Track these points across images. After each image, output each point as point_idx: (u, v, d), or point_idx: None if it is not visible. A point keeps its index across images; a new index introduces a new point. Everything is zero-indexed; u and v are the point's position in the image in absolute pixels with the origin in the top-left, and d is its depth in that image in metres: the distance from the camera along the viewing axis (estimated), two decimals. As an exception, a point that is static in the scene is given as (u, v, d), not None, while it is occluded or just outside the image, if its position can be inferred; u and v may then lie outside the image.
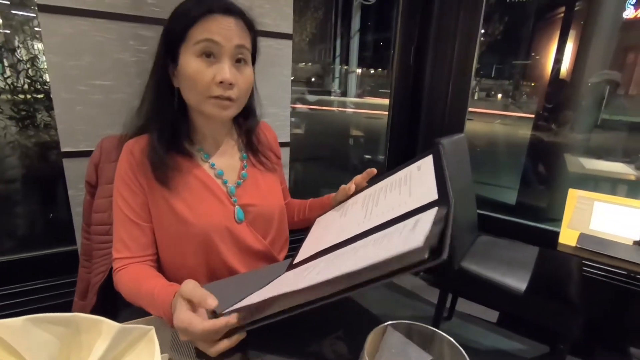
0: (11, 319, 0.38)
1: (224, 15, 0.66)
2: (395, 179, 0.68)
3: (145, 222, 0.72)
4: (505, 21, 2.86)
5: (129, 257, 0.70)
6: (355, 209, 0.69)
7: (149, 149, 0.70)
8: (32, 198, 1.93)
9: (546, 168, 2.56)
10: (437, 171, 0.57)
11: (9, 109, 1.73)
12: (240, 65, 0.69)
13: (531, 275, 1.29)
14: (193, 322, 0.48)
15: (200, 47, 0.65)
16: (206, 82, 0.66)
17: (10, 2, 1.97)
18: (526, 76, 3.41)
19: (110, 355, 0.42)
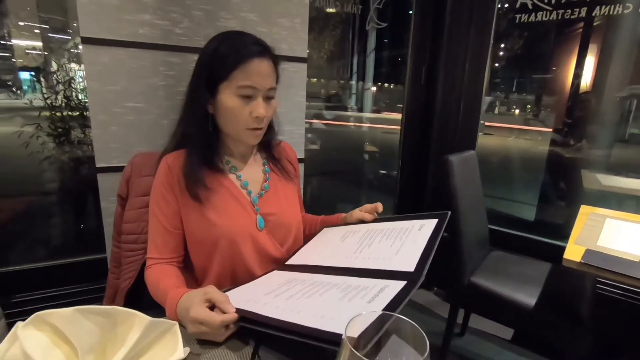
0: (63, 309, 0.46)
1: (260, 58, 0.76)
2: (397, 227, 0.77)
3: (175, 228, 0.81)
4: (525, 36, 2.88)
5: (158, 257, 0.80)
6: (353, 240, 0.79)
7: (186, 164, 0.80)
8: (66, 209, 2.07)
9: (566, 184, 2.53)
10: (430, 242, 0.66)
11: (47, 127, 1.89)
12: (269, 100, 0.80)
13: (541, 291, 1.29)
14: (212, 316, 0.56)
15: (242, 91, 0.76)
16: (244, 117, 0.77)
17: (50, 27, 2.17)
18: (546, 90, 3.40)
19: (141, 345, 0.49)
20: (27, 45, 2.22)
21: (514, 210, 3.08)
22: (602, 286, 1.48)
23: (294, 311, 0.54)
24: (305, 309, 0.55)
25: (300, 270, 0.74)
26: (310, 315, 0.52)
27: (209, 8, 1.20)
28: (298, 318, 0.52)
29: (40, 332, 0.46)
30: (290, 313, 0.54)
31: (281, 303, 0.59)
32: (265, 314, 0.55)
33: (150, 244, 0.82)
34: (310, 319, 0.51)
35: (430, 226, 0.71)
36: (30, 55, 2.25)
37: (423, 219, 0.76)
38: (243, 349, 0.56)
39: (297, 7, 1.34)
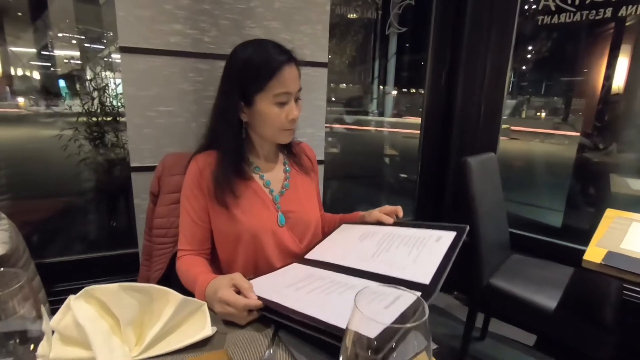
0: (108, 284, 0.52)
1: (289, 65, 0.82)
2: (415, 235, 0.79)
3: (203, 222, 0.87)
4: (553, 37, 2.82)
5: (188, 249, 0.87)
6: (372, 241, 0.82)
7: (217, 172, 0.85)
8: (101, 207, 2.20)
9: (594, 189, 2.45)
10: (447, 255, 0.68)
11: (84, 131, 2.02)
12: (298, 101, 0.86)
13: (563, 294, 1.27)
14: (238, 298, 0.61)
15: (279, 99, 0.82)
16: (282, 121, 0.83)
17: (86, 37, 2.32)
18: (576, 93, 3.30)
19: (173, 321, 0.55)
20: (66, 55, 2.38)
21: (540, 216, 3.01)
22: (629, 292, 1.44)
23: (314, 305, 0.58)
24: (325, 305, 0.58)
25: (319, 267, 0.78)
26: (329, 312, 0.55)
27: (235, 17, 1.27)
28: (317, 312, 0.55)
29: (89, 304, 0.52)
30: (309, 307, 0.58)
31: (302, 296, 0.63)
32: (287, 305, 0.59)
33: (181, 237, 0.88)
34: (329, 315, 0.54)
35: (448, 239, 0.73)
36: (69, 64, 2.42)
37: (441, 230, 0.78)
38: (264, 330, 0.61)
39: (319, 14, 1.39)
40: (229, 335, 0.59)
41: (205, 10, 1.23)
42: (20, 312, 0.34)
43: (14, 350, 0.36)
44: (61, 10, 2.24)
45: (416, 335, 0.34)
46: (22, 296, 0.35)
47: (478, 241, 1.37)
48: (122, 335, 0.52)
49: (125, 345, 0.51)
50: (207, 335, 0.55)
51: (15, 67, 2.29)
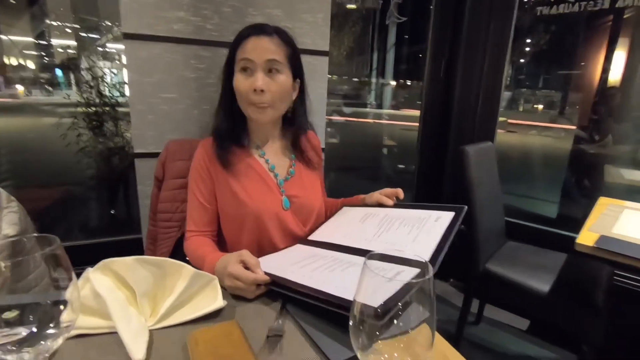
0: (125, 257, 0.54)
1: (258, 36, 0.83)
2: (414, 216, 0.82)
3: (210, 204, 0.90)
4: (551, 30, 2.82)
5: (195, 230, 0.89)
6: (373, 222, 0.85)
7: (215, 136, 0.89)
8: (101, 195, 2.22)
9: (589, 180, 2.49)
10: (444, 235, 0.70)
11: (82, 120, 2.02)
12: (272, 74, 0.84)
13: (556, 279, 1.31)
14: (246, 272, 0.64)
15: (241, 65, 0.83)
16: (245, 90, 0.83)
17: (81, 26, 2.30)
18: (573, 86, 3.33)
19: (186, 294, 0.58)
20: (62, 44, 2.37)
21: (536, 207, 3.05)
22: (620, 278, 1.48)
23: (319, 281, 0.61)
24: (329, 280, 0.61)
25: (322, 247, 0.81)
26: (333, 285, 0.59)
27: (237, 5, 1.28)
28: (323, 286, 0.59)
29: (106, 276, 0.55)
30: (315, 282, 0.61)
31: (307, 272, 0.66)
32: (293, 279, 0.63)
33: (189, 219, 0.91)
34: (334, 289, 0.57)
35: (447, 219, 0.75)
36: (65, 53, 2.40)
37: (440, 210, 0.80)
38: (272, 304, 0.64)
39: (320, 3, 1.40)
40: (238, 308, 0.62)
41: (208, -2, 1.23)
42: (53, 275, 0.37)
43: (44, 313, 0.38)
44: (56, -1, 2.22)
45: (419, 306, 0.36)
46: (55, 260, 0.37)
47: (475, 228, 1.40)
48: (138, 306, 0.55)
49: (141, 315, 0.54)
50: (219, 307, 0.58)
51: (9, 56, 2.27)
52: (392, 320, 0.37)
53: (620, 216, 1.24)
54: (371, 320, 0.37)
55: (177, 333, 0.55)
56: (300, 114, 0.97)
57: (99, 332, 0.52)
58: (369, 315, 0.37)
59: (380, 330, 0.36)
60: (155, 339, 0.53)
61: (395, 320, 0.37)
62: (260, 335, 0.55)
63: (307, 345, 0.54)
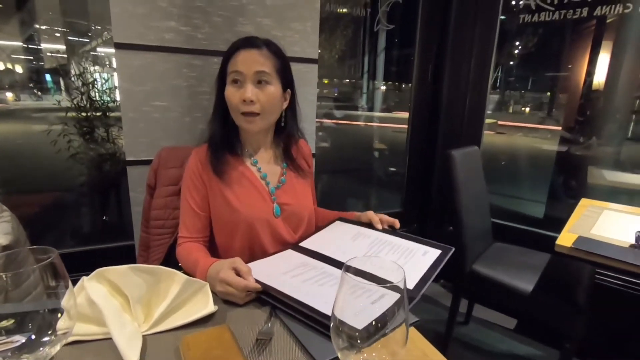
0: (119, 266, 0.56)
1: (247, 49, 0.86)
2: (404, 245, 0.85)
3: (203, 211, 0.92)
4: (539, 34, 2.89)
5: (188, 236, 0.91)
6: (364, 242, 0.88)
7: (209, 144, 0.92)
8: (92, 201, 2.21)
9: (575, 181, 2.55)
10: (430, 269, 0.74)
11: (73, 126, 2.02)
12: (261, 85, 0.87)
13: (539, 278, 1.35)
14: (237, 279, 0.66)
15: (231, 77, 0.87)
16: (235, 101, 0.86)
17: (72, 30, 2.29)
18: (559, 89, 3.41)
19: (179, 300, 0.60)
20: (51, 48, 2.36)
21: (524, 208, 3.11)
22: (601, 277, 1.53)
23: (309, 294, 0.64)
24: (319, 294, 0.64)
25: (313, 256, 0.84)
26: (322, 301, 0.62)
27: (227, 14, 1.31)
28: (312, 301, 0.62)
29: (100, 284, 0.56)
30: (304, 295, 0.64)
31: (297, 284, 0.69)
32: (285, 291, 0.65)
33: (181, 225, 0.93)
34: (322, 305, 0.61)
35: (434, 255, 0.79)
36: (54, 57, 2.39)
37: (428, 246, 0.84)
38: (262, 308, 0.66)
39: (309, 11, 1.44)
40: (228, 312, 0.64)
41: (198, 8, 1.26)
42: (51, 283, 0.39)
43: (42, 320, 0.40)
44: (45, 2, 2.21)
45: (396, 314, 0.39)
46: (52, 270, 0.39)
47: (462, 230, 1.44)
48: (132, 313, 0.57)
49: (135, 321, 0.56)
50: (210, 312, 0.60)
51: (-5, 60, 2.26)
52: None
53: (600, 217, 1.29)
54: (350, 332, 0.39)
55: (169, 338, 0.57)
56: (291, 123, 1.00)
57: (95, 338, 0.54)
58: (349, 330, 0.39)
59: (359, 338, 0.39)
60: (148, 344, 0.55)
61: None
62: (250, 338, 0.57)
63: (294, 346, 0.57)
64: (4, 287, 0.39)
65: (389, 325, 0.39)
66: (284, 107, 0.96)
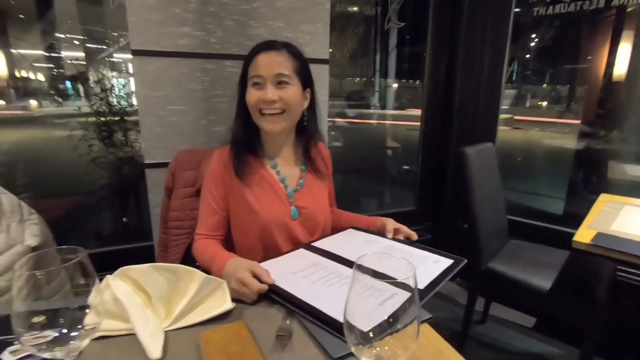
0: (141, 265, 0.59)
1: (266, 52, 0.89)
2: (416, 253, 0.86)
3: (222, 210, 0.95)
4: (556, 25, 2.81)
5: (204, 233, 0.94)
6: (376, 248, 0.89)
7: (232, 146, 0.95)
8: (113, 204, 2.28)
9: (596, 176, 2.49)
10: (441, 275, 0.74)
11: (92, 131, 2.08)
12: (281, 86, 0.89)
13: (557, 276, 1.33)
14: (253, 281, 0.69)
15: (253, 81, 0.89)
16: (255, 102, 0.88)
17: (90, 38, 2.37)
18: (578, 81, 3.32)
19: (198, 297, 0.62)
20: (71, 55, 2.44)
21: (542, 204, 3.05)
22: (623, 273, 1.49)
23: (316, 296, 0.66)
24: (326, 296, 0.66)
25: (325, 256, 0.85)
26: (329, 304, 0.63)
27: (239, 18, 1.33)
28: (318, 303, 0.63)
29: (124, 282, 0.59)
30: (313, 297, 0.66)
31: (306, 286, 0.70)
32: (293, 292, 0.67)
33: (200, 222, 0.95)
34: (330, 307, 0.62)
35: (445, 264, 0.79)
36: (73, 65, 2.47)
37: (440, 256, 0.83)
38: (276, 305, 0.68)
39: (319, 13, 1.45)
40: (245, 309, 0.67)
41: (211, 13, 1.29)
42: (80, 281, 0.42)
43: (72, 316, 0.43)
44: (65, 11, 2.28)
45: (407, 311, 0.40)
46: (81, 269, 0.42)
47: (476, 227, 1.43)
48: (154, 309, 0.59)
49: (156, 317, 0.59)
50: (228, 309, 0.62)
51: (19, 68, 2.35)
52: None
53: (620, 213, 1.26)
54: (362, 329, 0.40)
55: (189, 333, 0.59)
56: (312, 123, 1.02)
57: (119, 333, 0.57)
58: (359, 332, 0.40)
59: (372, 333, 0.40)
60: (170, 340, 0.58)
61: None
62: (267, 334, 0.59)
63: (310, 343, 0.58)
64: (37, 285, 0.42)
65: (401, 321, 0.40)
66: (305, 106, 0.97)
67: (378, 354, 0.40)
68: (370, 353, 0.40)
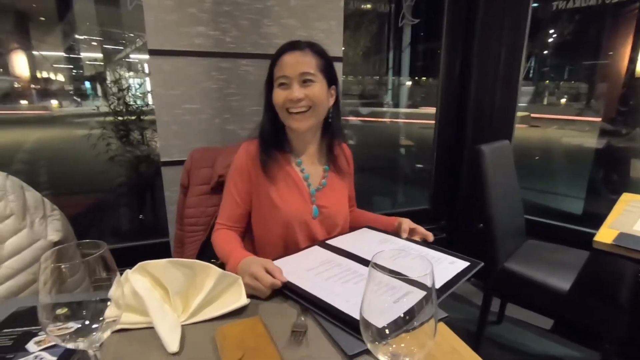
0: (159, 260, 0.60)
1: (291, 52, 0.90)
2: (432, 254, 0.85)
3: (243, 203, 0.97)
4: (576, 20, 2.73)
5: (225, 224, 0.97)
6: (391, 247, 0.89)
7: (260, 142, 0.97)
8: (130, 201, 2.33)
9: (617, 175, 2.42)
10: (456, 277, 0.73)
11: (110, 130, 2.13)
12: (307, 84, 0.90)
13: (577, 276, 1.30)
14: (266, 276, 0.69)
15: (278, 81, 0.91)
16: (282, 101, 0.90)
17: (106, 39, 2.42)
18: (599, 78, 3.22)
19: (214, 292, 0.63)
20: (89, 57, 2.50)
21: (560, 204, 2.98)
22: (646, 275, 1.44)
23: (330, 293, 0.66)
24: (341, 293, 0.66)
25: (339, 253, 0.85)
26: (343, 300, 0.63)
27: (253, 17, 1.34)
28: (333, 300, 0.63)
29: (143, 277, 0.61)
30: (327, 293, 0.66)
31: (320, 282, 0.71)
32: (306, 288, 0.68)
33: (222, 212, 0.98)
34: (344, 304, 0.62)
35: (461, 266, 0.77)
36: (92, 65, 2.53)
37: (456, 258, 0.82)
38: (291, 302, 0.69)
39: (333, 10, 1.44)
40: (260, 305, 0.67)
41: (225, 12, 1.30)
42: (102, 275, 0.43)
43: (94, 308, 0.44)
44: (83, 13, 2.33)
45: (425, 309, 0.39)
46: (103, 263, 0.43)
47: (492, 226, 1.41)
48: (171, 304, 0.60)
49: (174, 312, 0.60)
50: (243, 305, 0.63)
51: (41, 70, 2.42)
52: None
53: (643, 212, 1.22)
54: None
55: (206, 328, 0.60)
56: (336, 120, 1.03)
57: (138, 327, 0.58)
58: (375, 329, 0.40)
59: (388, 330, 0.40)
60: (186, 334, 0.59)
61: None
62: (282, 330, 0.60)
63: (325, 339, 0.58)
64: (61, 277, 0.43)
65: (418, 319, 0.40)
66: (330, 104, 0.98)
67: (394, 351, 0.40)
68: (387, 350, 0.40)
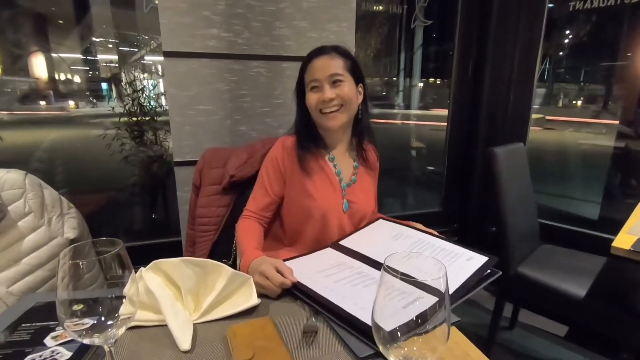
0: (172, 258, 0.61)
1: (319, 57, 0.97)
2: (447, 248, 0.83)
3: (273, 193, 1.02)
4: (592, 21, 2.67)
5: (252, 211, 1.01)
6: (404, 243, 0.87)
7: (298, 140, 1.02)
8: (143, 200, 2.37)
9: (635, 179, 2.36)
10: (473, 276, 0.71)
11: (125, 130, 2.17)
12: (336, 85, 0.95)
13: (593, 283, 1.27)
14: (276, 274, 0.70)
15: (310, 86, 0.97)
16: (315, 103, 0.96)
17: (122, 41, 2.47)
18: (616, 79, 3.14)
19: (225, 292, 0.64)
20: (105, 59, 2.55)
21: (576, 208, 2.92)
22: (666, 282, 1.40)
23: (340, 295, 0.66)
24: (350, 296, 0.66)
25: (351, 255, 0.85)
26: (352, 303, 0.63)
27: (265, 19, 1.35)
28: (342, 302, 0.63)
29: (156, 275, 0.61)
30: (336, 296, 0.66)
31: (330, 284, 0.70)
32: (315, 290, 0.68)
33: (251, 199, 1.03)
34: (352, 306, 0.62)
35: (479, 262, 0.76)
36: (108, 67, 2.59)
37: (474, 252, 0.80)
38: (301, 302, 0.69)
39: (345, 12, 1.45)
40: (271, 305, 0.67)
41: (238, 14, 1.31)
42: (118, 272, 0.43)
43: (110, 305, 0.45)
44: (100, 16, 2.38)
45: (437, 313, 0.39)
46: (119, 260, 0.44)
47: (505, 230, 1.38)
48: (183, 302, 0.61)
49: (186, 310, 0.60)
50: (254, 305, 0.63)
51: (59, 71, 2.48)
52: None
53: (663, 218, 1.18)
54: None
55: (217, 327, 0.61)
56: (365, 116, 1.07)
57: (151, 324, 0.59)
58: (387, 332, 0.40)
59: (400, 332, 0.40)
60: (198, 332, 0.59)
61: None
62: (293, 330, 0.60)
63: (336, 341, 0.58)
64: (77, 274, 0.44)
65: (430, 323, 0.39)
66: (359, 101, 1.02)
67: (406, 354, 0.40)
68: (399, 353, 0.40)
